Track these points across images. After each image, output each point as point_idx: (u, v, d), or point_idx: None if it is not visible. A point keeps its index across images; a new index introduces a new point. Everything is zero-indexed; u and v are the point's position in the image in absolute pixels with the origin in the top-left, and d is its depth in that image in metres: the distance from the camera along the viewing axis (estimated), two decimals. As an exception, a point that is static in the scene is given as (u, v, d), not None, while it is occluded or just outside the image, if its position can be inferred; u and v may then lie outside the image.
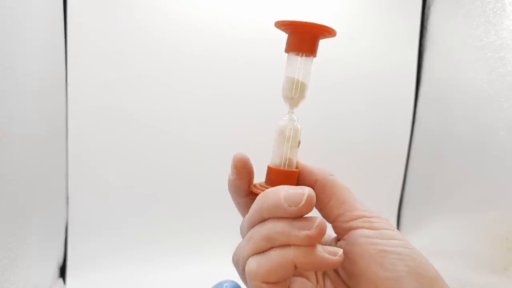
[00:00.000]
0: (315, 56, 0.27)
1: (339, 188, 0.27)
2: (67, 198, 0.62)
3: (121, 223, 0.66)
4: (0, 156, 0.38)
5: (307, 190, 0.23)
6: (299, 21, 0.26)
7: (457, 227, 0.70)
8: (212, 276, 0.56)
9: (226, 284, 0.55)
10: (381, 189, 0.83)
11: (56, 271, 0.60)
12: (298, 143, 0.28)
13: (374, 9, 0.78)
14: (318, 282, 0.27)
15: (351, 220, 0.25)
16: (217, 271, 0.56)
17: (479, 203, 0.67)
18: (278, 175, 0.27)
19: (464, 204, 0.70)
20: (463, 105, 0.71)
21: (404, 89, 0.83)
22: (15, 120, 0.41)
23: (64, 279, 0.61)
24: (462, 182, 0.70)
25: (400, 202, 0.85)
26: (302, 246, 0.23)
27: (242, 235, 0.27)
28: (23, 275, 0.44)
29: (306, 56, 0.27)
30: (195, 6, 0.66)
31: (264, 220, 0.24)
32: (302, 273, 0.27)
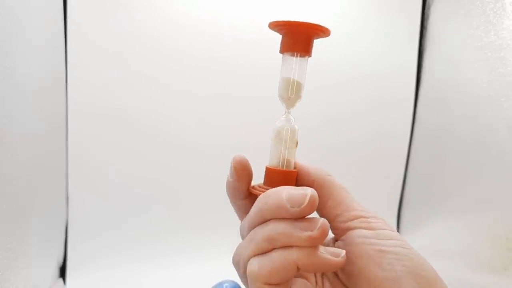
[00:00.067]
0: (310, 56, 0.27)
1: (337, 189, 0.27)
2: (67, 198, 0.62)
3: (121, 223, 0.66)
4: (0, 156, 0.38)
5: (310, 191, 0.23)
6: (292, 21, 0.25)
7: (457, 227, 0.70)
8: (212, 276, 0.56)
9: (226, 284, 0.55)
10: (381, 189, 0.83)
11: (56, 271, 0.60)
12: (296, 144, 0.28)
13: (374, 9, 0.78)
14: (317, 283, 0.27)
15: (349, 221, 0.25)
16: (217, 271, 0.56)
17: (479, 203, 0.67)
18: (277, 176, 0.27)
19: (464, 204, 0.70)
20: (463, 105, 0.71)
21: (404, 89, 0.83)
22: (15, 120, 0.41)
23: (64, 279, 0.61)
24: (462, 182, 0.70)
25: (400, 202, 0.85)
26: (305, 247, 0.23)
27: (242, 237, 0.27)
28: (23, 275, 0.44)
29: (301, 56, 0.27)
30: (195, 6, 0.66)
31: (266, 221, 0.24)
32: (302, 274, 0.27)
